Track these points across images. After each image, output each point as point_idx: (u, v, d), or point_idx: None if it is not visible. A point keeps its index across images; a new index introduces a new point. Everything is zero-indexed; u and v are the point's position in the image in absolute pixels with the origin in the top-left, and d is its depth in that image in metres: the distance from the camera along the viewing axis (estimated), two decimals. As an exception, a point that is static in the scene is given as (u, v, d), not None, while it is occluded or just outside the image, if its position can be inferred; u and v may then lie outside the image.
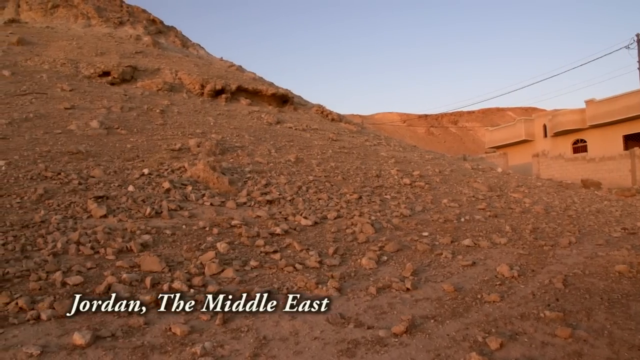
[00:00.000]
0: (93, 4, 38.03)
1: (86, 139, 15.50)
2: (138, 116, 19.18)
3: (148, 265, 7.73)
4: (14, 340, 5.48)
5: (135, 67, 26.36)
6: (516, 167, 37.94)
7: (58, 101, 19.52)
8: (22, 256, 7.92)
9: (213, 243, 9.01)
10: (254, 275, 7.76)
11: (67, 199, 10.75)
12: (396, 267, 8.45)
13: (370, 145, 21.06)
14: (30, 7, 37.14)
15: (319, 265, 8.29)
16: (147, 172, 12.87)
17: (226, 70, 31.71)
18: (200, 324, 6.00)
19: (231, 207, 11.36)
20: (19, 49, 27.21)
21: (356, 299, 6.94)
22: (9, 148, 13.87)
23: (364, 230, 10.31)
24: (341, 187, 13.77)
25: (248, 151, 16.37)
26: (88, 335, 5.45)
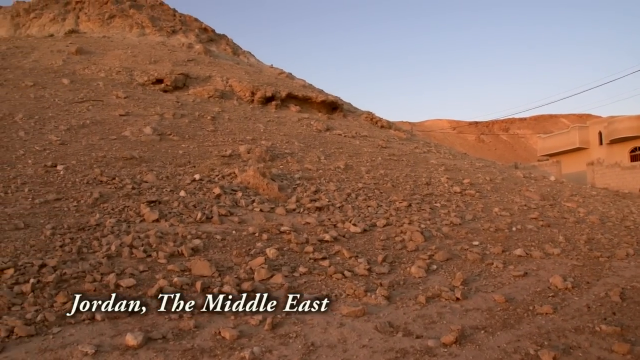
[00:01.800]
0: (147, 14, 38.97)
1: (140, 145, 15.87)
2: (190, 123, 19.52)
3: (199, 270, 7.85)
4: (71, 338, 5.66)
5: (187, 74, 26.85)
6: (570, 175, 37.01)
7: (113, 108, 20.05)
8: (78, 258, 8.16)
9: (262, 249, 9.09)
10: (302, 281, 7.80)
11: (121, 203, 11.03)
12: (446, 276, 8.36)
13: (420, 153, 20.91)
14: (89, 18, 38.32)
15: (368, 272, 8.28)
16: (198, 177, 13.08)
17: (276, 78, 32.00)
18: (249, 328, 6.07)
19: (281, 213, 11.44)
20: (77, 58, 28.09)
21: (405, 308, 6.90)
22: (67, 153, 14.32)
23: (413, 239, 10.24)
24: (390, 195, 13.70)
25: (297, 158, 16.46)
26: (140, 337, 5.58)
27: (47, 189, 11.51)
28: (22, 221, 9.49)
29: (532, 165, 40.65)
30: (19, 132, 15.96)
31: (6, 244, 8.46)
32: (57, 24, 37.96)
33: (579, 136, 40.87)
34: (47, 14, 38.88)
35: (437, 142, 37.16)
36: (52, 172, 12.68)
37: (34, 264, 7.66)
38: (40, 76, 24.22)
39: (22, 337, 5.65)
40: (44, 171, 12.66)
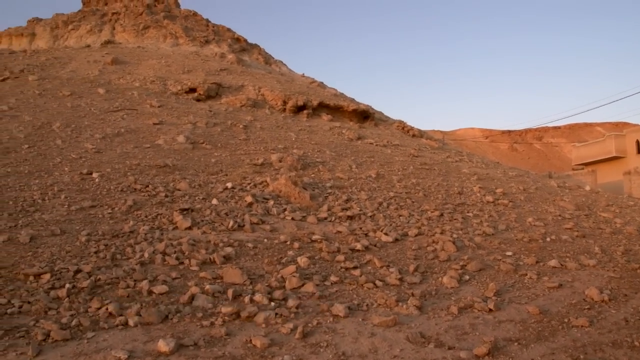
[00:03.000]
0: (181, 25, 39.54)
1: (173, 153, 16.05)
2: (222, 131, 19.70)
3: (230, 277, 7.90)
4: (104, 343, 5.75)
5: (220, 84, 27.12)
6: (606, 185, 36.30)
7: (147, 117, 20.34)
8: (112, 264, 8.29)
9: (294, 257, 9.10)
10: (334, 290, 7.79)
11: (154, 211, 11.16)
12: (478, 286, 8.27)
13: (451, 162, 20.73)
14: (124, 28, 39.05)
15: (400, 282, 8.23)
16: (230, 186, 13.18)
17: (308, 87, 32.13)
18: (280, 337, 6.08)
19: (312, 222, 11.45)
20: (112, 68, 28.61)
21: (437, 318, 6.85)
22: (102, 161, 14.57)
23: (445, 248, 10.15)
24: (422, 204, 13.61)
25: (329, 167, 16.48)
26: (172, 343, 5.64)
27: (83, 196, 11.72)
28: (59, 227, 9.68)
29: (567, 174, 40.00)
30: (56, 141, 16.29)
31: (43, 249, 8.64)
32: (94, 35, 38.76)
33: (615, 145, 40.07)
34: (84, 25, 39.74)
35: (469, 151, 36.85)
36: (88, 179, 12.90)
37: (70, 269, 7.80)
38: (77, 86, 24.72)
39: (57, 341, 5.76)
40: (80, 178, 12.90)
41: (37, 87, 23.87)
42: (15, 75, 26.13)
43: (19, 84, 24.46)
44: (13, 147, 15.26)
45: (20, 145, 15.49)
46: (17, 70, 27.00)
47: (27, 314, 6.47)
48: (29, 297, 6.89)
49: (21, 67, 27.61)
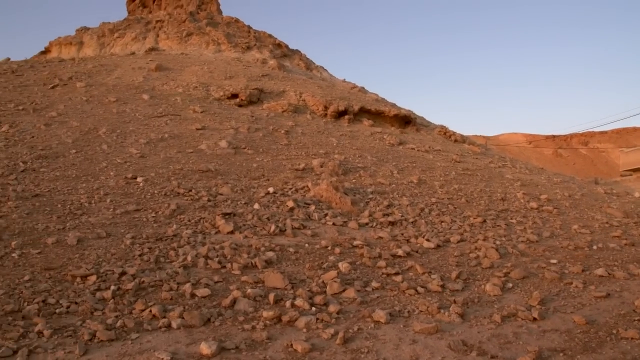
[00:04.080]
0: (223, 31, 40.02)
1: (215, 158, 16.24)
2: (264, 137, 19.83)
3: (272, 282, 7.94)
4: (148, 345, 5.85)
5: (261, 89, 27.32)
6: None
7: (190, 122, 20.62)
8: (155, 267, 8.43)
9: (335, 262, 9.09)
10: (375, 296, 7.75)
11: (197, 215, 11.30)
12: (522, 295, 8.11)
13: (494, 167, 20.45)
14: (168, 36, 39.72)
15: (441, 289, 8.14)
16: (272, 190, 13.25)
17: (349, 92, 32.11)
18: (321, 342, 6.07)
19: (353, 227, 11.43)
20: (156, 75, 29.11)
21: (479, 326, 6.75)
22: (147, 166, 14.83)
23: (488, 255, 10.00)
24: (465, 210, 13.45)
25: (370, 172, 16.43)
26: (214, 346, 5.69)
27: (128, 200, 11.94)
28: (104, 230, 9.89)
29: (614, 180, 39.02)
30: (102, 146, 16.66)
31: (89, 251, 8.84)
32: (139, 43, 39.53)
33: (666, 150, 38.96)
34: (129, 33, 40.56)
35: (512, 156, 36.22)
36: (132, 183, 13.15)
37: (115, 271, 7.96)
38: (122, 92, 25.23)
39: (103, 341, 5.89)
40: (125, 183, 13.15)
41: (84, 94, 24.45)
42: (64, 82, 26.83)
43: (67, 91, 25.10)
44: (61, 152, 15.67)
45: (69, 150, 15.89)
46: (66, 77, 27.72)
47: (75, 314, 6.63)
48: (76, 298, 7.06)
49: (69, 75, 28.33)
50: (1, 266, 8.10)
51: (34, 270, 8.01)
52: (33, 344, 5.76)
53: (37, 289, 7.29)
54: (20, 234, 9.58)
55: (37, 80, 27.30)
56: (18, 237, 9.41)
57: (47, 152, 15.62)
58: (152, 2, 48.04)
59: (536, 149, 79.79)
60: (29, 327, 6.17)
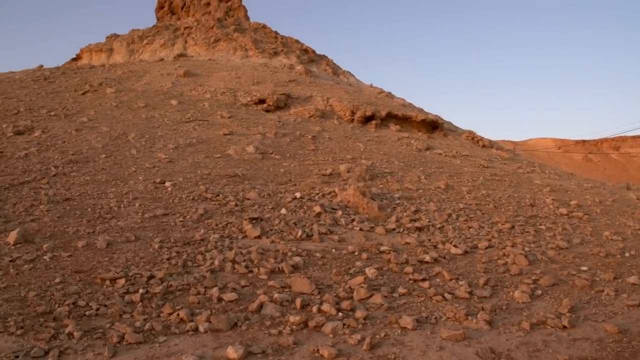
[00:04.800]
0: (251, 37, 40.29)
1: (242, 163, 16.33)
2: (291, 142, 19.89)
3: (298, 287, 7.94)
4: (175, 348, 5.90)
5: (288, 95, 27.43)
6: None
7: (218, 127, 20.79)
8: (183, 271, 8.49)
9: (362, 268, 9.07)
10: (402, 302, 7.71)
11: (224, 220, 11.37)
12: (551, 302, 7.99)
13: (523, 173, 20.23)
14: (196, 42, 40.13)
15: (469, 296, 8.06)
16: (299, 195, 13.27)
17: (376, 97, 32.07)
18: (348, 347, 6.06)
19: (380, 232, 11.39)
20: (185, 80, 29.42)
21: (508, 334, 6.66)
22: (175, 170, 14.97)
23: (516, 262, 9.88)
24: (493, 216, 13.32)
25: (397, 177, 16.37)
26: (241, 350, 5.71)
27: (156, 204, 12.06)
28: (133, 234, 10.00)
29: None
30: (131, 150, 16.87)
31: (119, 255, 8.94)
32: (167, 49, 39.99)
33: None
34: (158, 40, 41.07)
35: (541, 161, 35.77)
36: (161, 188, 13.28)
37: (143, 275, 8.04)
38: (151, 98, 25.55)
39: (131, 343, 5.95)
40: (153, 187, 13.29)
41: (114, 100, 24.81)
42: (95, 88, 27.26)
43: (97, 97, 25.50)
44: (92, 157, 15.91)
45: (98, 155, 16.13)
46: (96, 83, 28.16)
47: (104, 317, 6.71)
48: (105, 301, 7.15)
49: (100, 81, 28.77)
50: (33, 268, 8.24)
51: (65, 272, 8.14)
52: (63, 345, 5.85)
53: (67, 291, 7.40)
54: (52, 237, 9.75)
55: (69, 87, 27.79)
56: (49, 240, 9.57)
57: (78, 156, 15.87)
58: (180, 9, 48.60)
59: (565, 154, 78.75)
60: (59, 329, 6.27)
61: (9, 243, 9.25)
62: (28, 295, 7.22)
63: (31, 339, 6.01)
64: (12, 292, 7.40)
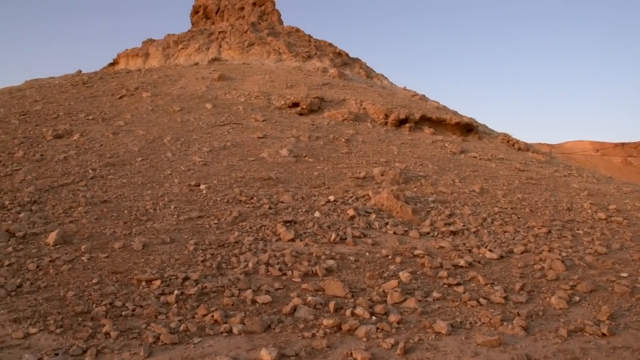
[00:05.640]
0: (284, 41, 40.46)
1: (276, 166, 16.39)
2: (324, 145, 19.91)
3: (332, 290, 7.94)
4: (210, 349, 5.96)
5: (322, 98, 27.46)
6: None
7: (252, 131, 20.91)
8: (218, 273, 8.56)
9: (395, 272, 9.02)
10: (436, 307, 7.64)
11: (258, 222, 11.43)
12: (590, 309, 7.83)
13: (560, 176, 19.89)
14: (230, 46, 40.46)
15: (505, 301, 7.95)
16: (332, 199, 13.27)
17: (409, 100, 31.92)
18: (381, 352, 6.03)
19: (414, 236, 11.32)
20: (219, 84, 29.67)
21: (544, 340, 6.55)
22: (209, 173, 15.11)
23: (553, 267, 9.71)
24: (529, 220, 13.12)
25: (431, 180, 16.25)
26: (274, 352, 5.73)
27: (191, 206, 12.19)
28: (169, 236, 10.12)
29: (688, 192, 37.29)
30: (166, 153, 17.08)
31: (154, 256, 9.06)
32: (202, 53, 40.40)
33: None
34: (193, 44, 41.52)
35: (578, 164, 35.11)
36: (196, 191, 13.42)
37: (178, 276, 8.14)
38: (186, 101, 25.83)
39: (166, 344, 6.03)
40: (188, 190, 13.44)
41: (150, 104, 25.16)
42: (131, 92, 27.68)
43: (134, 101, 25.88)
44: (128, 160, 16.15)
45: (135, 158, 16.37)
46: (133, 88, 28.59)
47: (140, 317, 6.81)
48: (141, 301, 7.25)
49: (136, 85, 29.21)
50: (72, 269, 8.41)
51: (102, 273, 8.28)
52: (101, 345, 5.96)
53: (104, 292, 7.53)
54: (90, 239, 9.93)
55: (106, 91, 28.27)
56: (87, 241, 9.75)
57: (115, 159, 16.13)
58: (214, 13, 49.08)
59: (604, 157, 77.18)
60: (97, 328, 6.39)
61: (48, 244, 9.48)
62: (67, 295, 7.37)
63: (70, 337, 6.14)
64: (51, 291, 7.57)
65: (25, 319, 6.60)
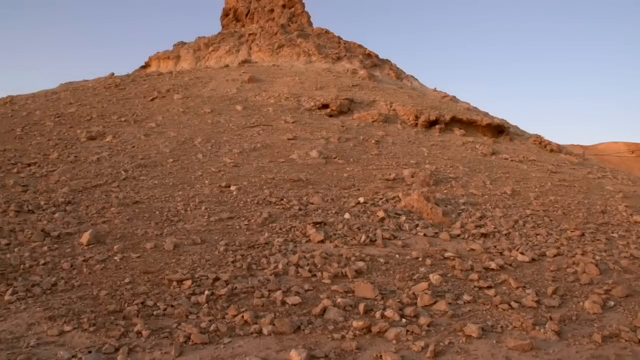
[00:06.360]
0: (314, 42, 40.51)
1: (306, 168, 16.42)
2: (354, 146, 19.89)
3: (362, 292, 7.91)
4: (239, 349, 5.98)
5: (351, 99, 27.44)
6: None
7: (282, 132, 20.99)
8: (248, 274, 8.61)
9: (426, 274, 8.95)
10: (466, 310, 7.56)
11: (288, 224, 11.46)
12: (625, 314, 7.66)
13: (593, 178, 19.55)
14: (260, 48, 40.67)
15: (537, 305, 7.82)
16: (362, 200, 13.24)
17: (440, 101, 31.72)
18: (411, 354, 5.99)
19: (444, 238, 11.23)
20: (249, 86, 29.86)
21: (578, 346, 6.43)
22: (240, 175, 15.21)
23: (587, 271, 9.53)
24: (561, 223, 12.91)
25: (462, 182, 16.12)
26: (304, 354, 5.73)
27: (221, 207, 12.28)
28: (199, 237, 10.21)
29: None
30: (197, 155, 17.24)
31: (185, 257, 9.15)
32: (232, 55, 40.69)
33: None
34: (223, 46, 41.84)
35: (613, 166, 34.43)
36: (226, 192, 13.52)
37: (209, 277, 8.21)
38: (216, 103, 26.06)
39: (197, 344, 6.08)
40: (219, 191, 13.54)
41: (181, 105, 25.43)
42: (162, 95, 28.02)
43: (165, 103, 26.19)
44: (160, 161, 16.35)
45: (166, 159, 16.56)
46: (164, 90, 28.95)
47: (171, 317, 6.88)
48: (172, 301, 7.32)
49: (167, 88, 29.57)
50: (105, 268, 8.54)
51: (134, 273, 8.39)
52: (132, 343, 6.04)
53: (136, 291, 7.63)
54: (122, 239, 10.07)
55: (138, 93, 28.68)
56: (120, 241, 9.89)
57: (147, 161, 16.34)
58: (244, 16, 49.38)
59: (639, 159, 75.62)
60: (129, 327, 6.47)
61: (82, 243, 9.65)
62: (100, 294, 7.49)
63: (102, 335, 6.23)
64: (85, 290, 7.70)
65: (60, 316, 6.73)
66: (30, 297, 7.39)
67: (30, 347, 5.90)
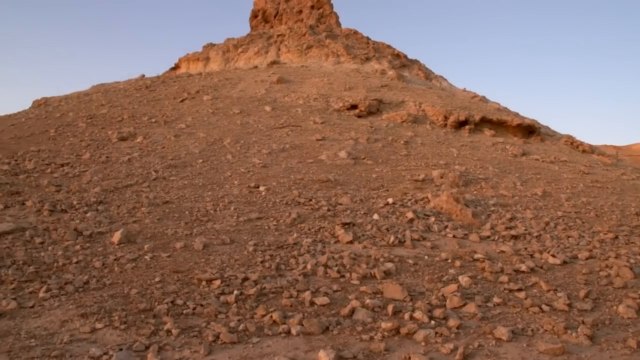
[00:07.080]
0: (342, 43, 40.47)
1: (335, 168, 16.42)
2: (383, 147, 19.83)
3: (390, 293, 7.88)
4: (268, 349, 6.01)
5: (380, 100, 27.35)
6: None
7: (310, 133, 21.02)
8: (276, 274, 8.64)
9: (455, 276, 8.88)
10: (496, 312, 7.47)
11: (316, 224, 11.47)
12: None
13: (627, 180, 19.18)
14: (289, 49, 40.77)
15: (568, 308, 7.70)
16: (391, 201, 13.19)
17: (469, 101, 31.44)
18: (440, 356, 5.95)
19: (474, 240, 11.13)
20: (278, 87, 29.96)
21: (611, 351, 6.30)
22: (268, 175, 15.27)
23: (620, 274, 9.35)
24: (594, 225, 12.69)
25: (492, 183, 15.95)
26: (332, 355, 5.73)
27: (250, 208, 12.34)
28: (228, 237, 10.28)
29: None
30: (226, 156, 17.36)
31: (214, 257, 9.22)
32: (261, 57, 40.85)
33: None
34: (252, 48, 42.03)
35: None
36: (255, 192, 13.58)
37: (238, 277, 8.25)
38: (245, 104, 26.20)
39: (226, 343, 6.12)
40: (248, 191, 13.62)
41: (210, 106, 25.63)
42: (192, 96, 28.28)
43: (195, 104, 26.43)
44: (189, 162, 16.50)
45: (196, 160, 16.71)
46: (194, 91, 29.21)
47: (200, 316, 6.93)
48: (201, 301, 7.39)
49: (197, 89, 29.82)
50: (135, 267, 8.65)
51: (164, 272, 8.48)
52: (162, 342, 6.11)
53: (166, 290, 7.71)
54: (152, 238, 10.19)
55: (168, 95, 28.99)
56: (150, 241, 10.01)
57: (176, 161, 16.51)
58: (273, 17, 49.55)
59: (675, 161, 74.03)
60: (159, 326, 6.54)
61: (113, 243, 9.79)
62: (130, 293, 7.59)
63: (133, 333, 6.31)
64: (116, 288, 7.81)
65: (92, 314, 6.83)
66: (63, 295, 7.53)
67: (63, 344, 6.00)
